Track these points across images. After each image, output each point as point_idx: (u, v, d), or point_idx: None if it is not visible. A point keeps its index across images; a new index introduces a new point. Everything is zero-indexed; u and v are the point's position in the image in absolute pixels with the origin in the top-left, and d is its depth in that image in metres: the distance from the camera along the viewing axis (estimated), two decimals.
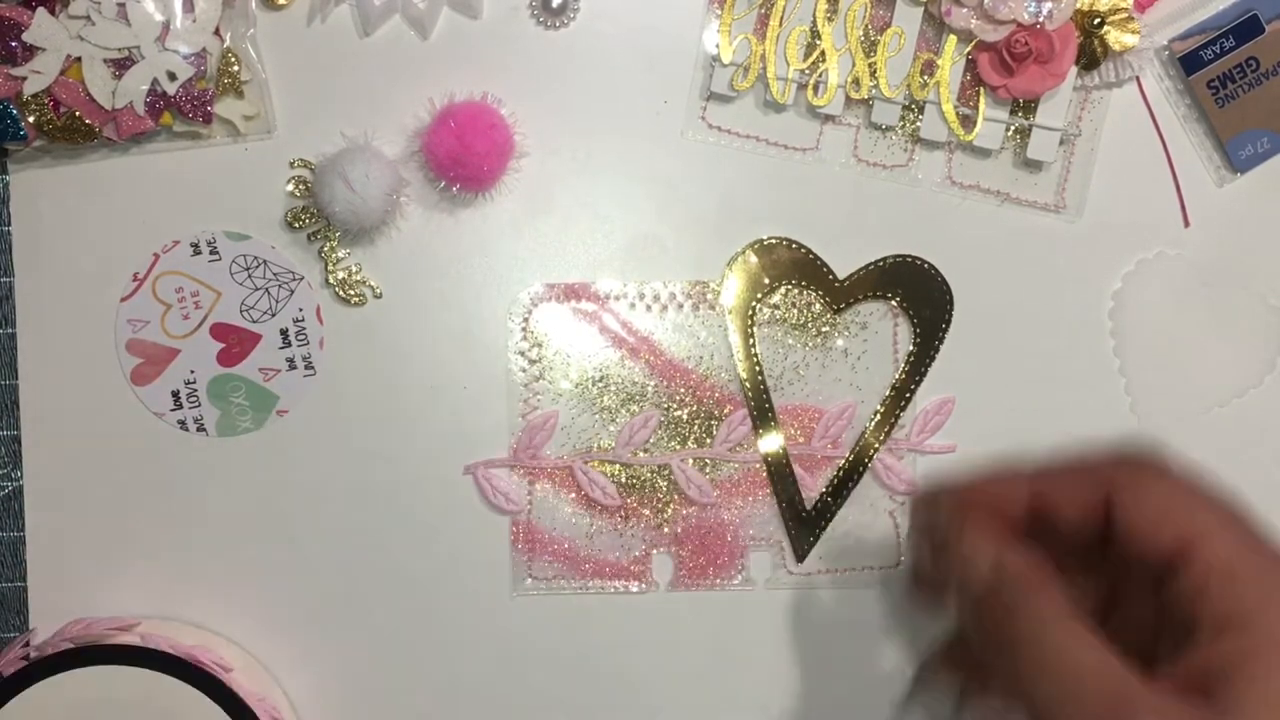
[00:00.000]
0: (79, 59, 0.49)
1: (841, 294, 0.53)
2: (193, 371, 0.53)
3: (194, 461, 0.53)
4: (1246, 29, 0.51)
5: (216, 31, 0.50)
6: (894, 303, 0.54)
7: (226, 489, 0.53)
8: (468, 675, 0.54)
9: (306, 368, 0.53)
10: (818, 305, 0.54)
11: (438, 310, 0.53)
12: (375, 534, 0.54)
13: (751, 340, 0.54)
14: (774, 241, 0.53)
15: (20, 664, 0.49)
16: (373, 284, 0.53)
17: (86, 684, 0.49)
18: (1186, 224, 0.54)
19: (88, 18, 0.48)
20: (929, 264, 0.53)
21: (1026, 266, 0.54)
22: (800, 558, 0.54)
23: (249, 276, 0.53)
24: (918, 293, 0.53)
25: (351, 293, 0.53)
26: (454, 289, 0.53)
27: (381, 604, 0.54)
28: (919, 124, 0.52)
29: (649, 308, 0.54)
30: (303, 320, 0.53)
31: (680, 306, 0.54)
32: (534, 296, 0.53)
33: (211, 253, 0.52)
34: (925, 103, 0.52)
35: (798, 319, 0.54)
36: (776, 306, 0.54)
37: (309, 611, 0.54)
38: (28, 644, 0.51)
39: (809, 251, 0.53)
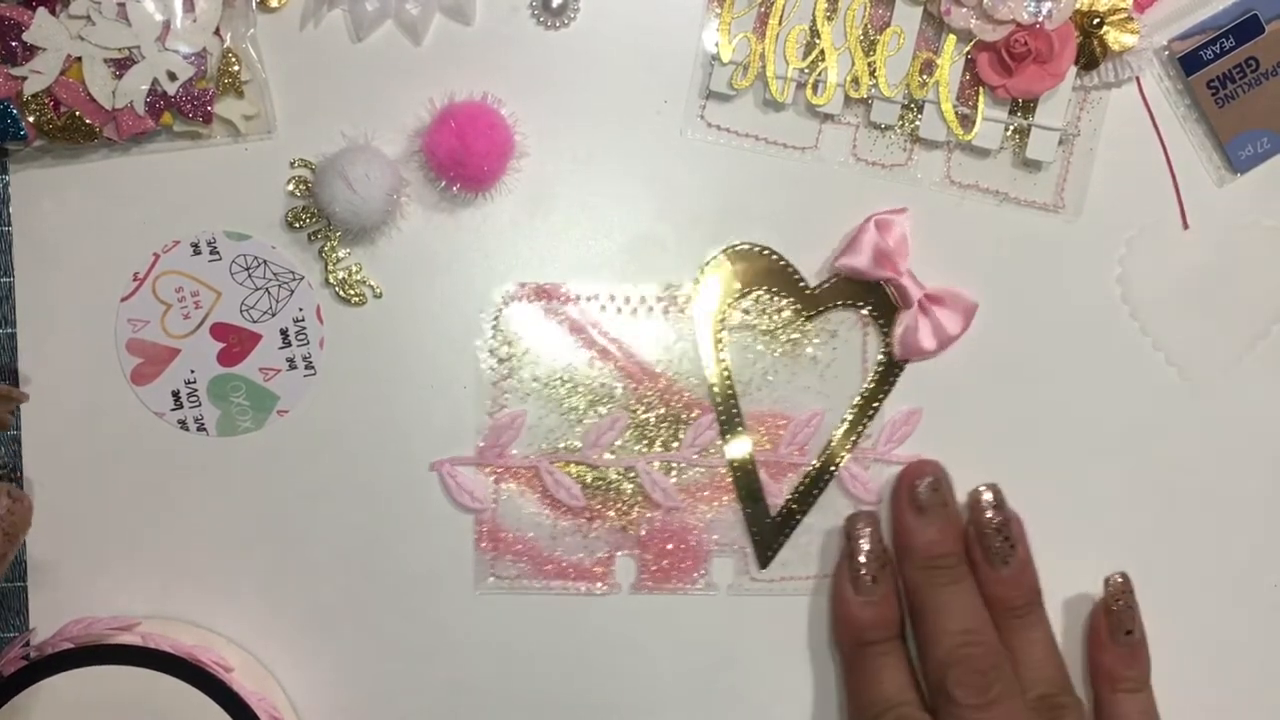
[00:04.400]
0: (79, 59, 0.49)
1: (812, 301, 0.53)
2: (193, 371, 0.53)
3: (194, 461, 0.53)
4: (1246, 29, 0.51)
5: (217, 31, 0.50)
6: (864, 312, 0.54)
7: (227, 489, 0.53)
8: (468, 675, 0.54)
9: (307, 368, 0.53)
10: (788, 312, 0.54)
11: (438, 310, 0.53)
12: (376, 534, 0.54)
13: (721, 345, 0.53)
14: (746, 248, 0.53)
15: (20, 664, 0.49)
16: (373, 284, 0.53)
17: (86, 684, 0.49)
18: (1185, 225, 0.54)
19: (88, 18, 0.49)
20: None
21: (1025, 266, 0.54)
22: (764, 564, 0.54)
23: (249, 276, 0.53)
24: (888, 302, 0.53)
25: (352, 292, 0.53)
26: (455, 289, 0.53)
27: (383, 604, 0.54)
28: (918, 123, 0.52)
29: (619, 310, 0.53)
30: (303, 320, 0.53)
31: (650, 310, 0.53)
32: (505, 295, 0.53)
33: (212, 253, 0.53)
34: (924, 102, 0.52)
35: (768, 325, 0.54)
36: (747, 312, 0.54)
37: (310, 611, 0.54)
38: (28, 644, 0.51)
39: (780, 258, 0.53)
